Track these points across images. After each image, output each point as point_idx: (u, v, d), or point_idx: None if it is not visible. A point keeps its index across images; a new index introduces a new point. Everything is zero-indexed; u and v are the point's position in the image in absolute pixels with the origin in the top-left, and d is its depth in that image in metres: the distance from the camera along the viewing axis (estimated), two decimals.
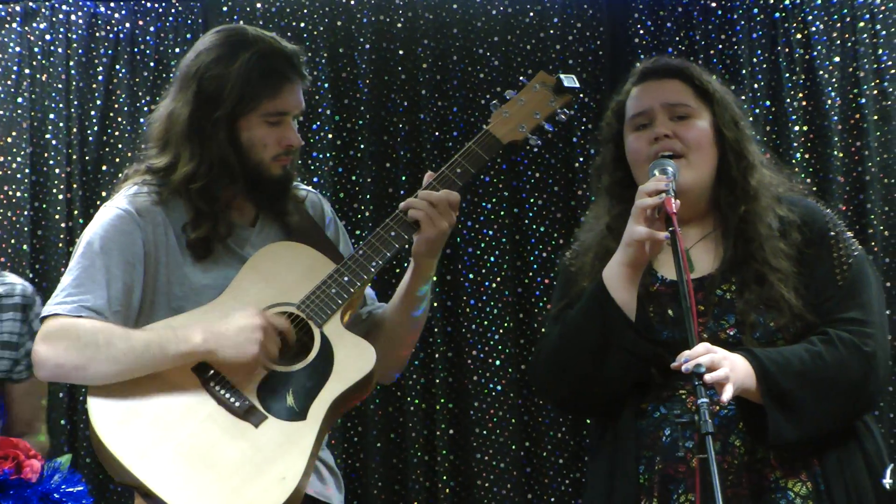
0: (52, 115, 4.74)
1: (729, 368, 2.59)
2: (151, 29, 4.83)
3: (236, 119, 2.84)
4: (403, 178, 4.83)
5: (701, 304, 2.75)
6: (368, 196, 4.83)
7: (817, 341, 2.73)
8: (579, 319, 2.79)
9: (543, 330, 3.06)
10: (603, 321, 2.75)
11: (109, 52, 4.80)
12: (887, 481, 3.77)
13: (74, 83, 4.77)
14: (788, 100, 4.86)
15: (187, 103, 2.86)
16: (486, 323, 4.82)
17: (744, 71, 4.87)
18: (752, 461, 2.70)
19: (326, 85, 4.84)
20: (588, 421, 3.58)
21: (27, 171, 4.69)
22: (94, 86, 4.78)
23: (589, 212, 3.06)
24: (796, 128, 4.86)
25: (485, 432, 4.78)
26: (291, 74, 2.88)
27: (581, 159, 4.86)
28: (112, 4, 4.84)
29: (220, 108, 2.82)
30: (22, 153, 4.70)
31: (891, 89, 4.85)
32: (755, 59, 4.91)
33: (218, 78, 2.84)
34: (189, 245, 2.86)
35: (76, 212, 4.73)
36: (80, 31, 4.79)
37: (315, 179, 4.80)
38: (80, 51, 4.78)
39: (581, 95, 4.78)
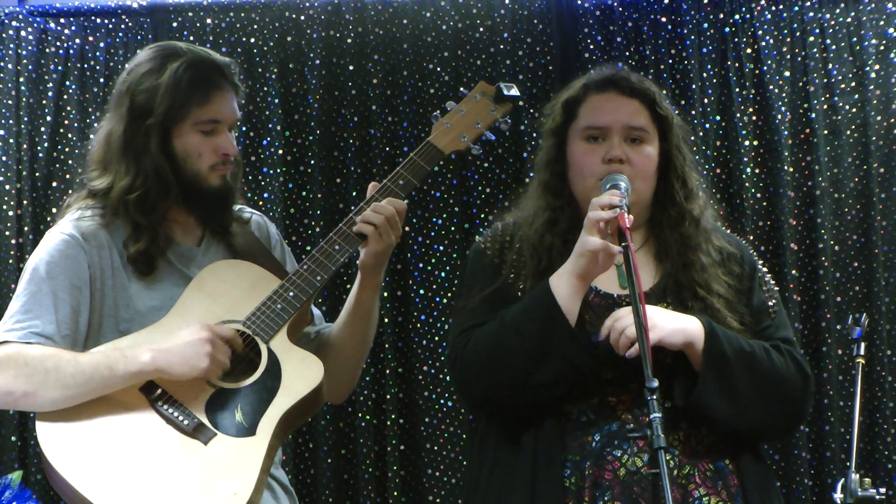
0: (1, 132, 4.73)
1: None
2: (101, 45, 4.83)
3: (169, 129, 2.83)
4: (354, 193, 4.82)
5: None
6: (319, 212, 4.83)
7: (767, 345, 2.80)
8: (520, 322, 2.75)
9: (452, 319, 3.00)
10: (547, 328, 2.72)
11: (59, 68, 4.80)
12: (838, 496, 3.78)
13: (24, 99, 4.77)
14: (739, 114, 4.87)
15: (121, 120, 2.86)
16: (436, 338, 4.82)
17: (694, 86, 4.87)
18: (679, 476, 2.72)
19: (276, 101, 4.84)
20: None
21: None
22: (44, 102, 4.78)
23: (521, 201, 3.02)
24: (746, 142, 4.86)
25: (436, 448, 4.78)
26: (221, 82, 2.87)
27: (531, 175, 4.84)
28: (62, 20, 4.84)
29: (151, 118, 2.82)
30: None
31: (840, 104, 4.86)
32: (705, 74, 4.91)
33: (148, 90, 2.83)
34: (130, 260, 2.84)
35: (26, 228, 4.73)
36: (29, 47, 4.79)
37: (265, 195, 4.80)
38: (29, 67, 4.79)
39: (531, 110, 4.79)
